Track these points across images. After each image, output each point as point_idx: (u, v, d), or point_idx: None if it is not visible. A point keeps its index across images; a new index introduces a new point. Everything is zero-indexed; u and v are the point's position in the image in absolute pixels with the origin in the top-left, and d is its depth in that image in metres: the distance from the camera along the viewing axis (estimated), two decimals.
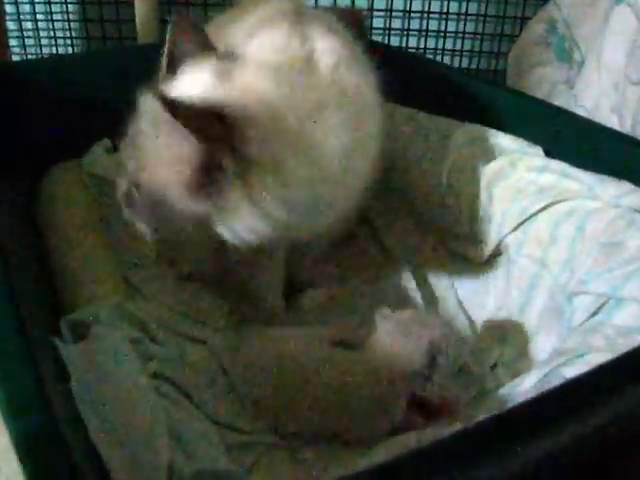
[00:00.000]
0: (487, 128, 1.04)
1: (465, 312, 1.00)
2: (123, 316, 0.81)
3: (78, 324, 0.78)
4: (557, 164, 0.94)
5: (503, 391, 0.80)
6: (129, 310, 0.82)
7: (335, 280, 1.08)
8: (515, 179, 0.96)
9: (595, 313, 0.80)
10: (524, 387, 0.77)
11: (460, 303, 1.01)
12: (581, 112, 1.15)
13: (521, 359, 0.91)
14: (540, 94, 1.15)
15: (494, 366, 0.91)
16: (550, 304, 0.89)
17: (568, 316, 0.84)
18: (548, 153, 0.98)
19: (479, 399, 0.85)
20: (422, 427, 0.80)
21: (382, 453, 0.74)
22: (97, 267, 0.92)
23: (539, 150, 0.98)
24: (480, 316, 0.99)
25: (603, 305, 0.79)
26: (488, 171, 0.99)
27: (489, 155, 1.00)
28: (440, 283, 1.06)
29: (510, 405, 0.76)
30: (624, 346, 0.70)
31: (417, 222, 1.12)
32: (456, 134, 1.05)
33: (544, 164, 0.95)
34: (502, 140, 1.01)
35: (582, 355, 0.74)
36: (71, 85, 1.11)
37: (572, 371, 0.73)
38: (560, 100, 1.21)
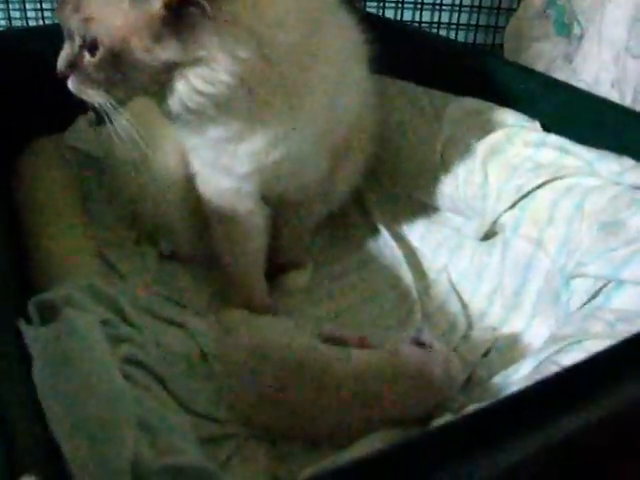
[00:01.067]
0: (483, 101, 0.98)
1: (458, 295, 0.96)
2: (96, 297, 0.76)
3: (47, 305, 0.73)
4: (556, 139, 0.89)
5: (496, 380, 0.76)
6: (102, 291, 0.77)
7: (321, 260, 1.04)
8: (512, 154, 0.91)
9: (594, 297, 0.75)
10: (518, 376, 0.73)
11: (453, 286, 0.97)
12: (581, 86, 1.11)
13: (516, 345, 0.87)
14: (538, 69, 1.11)
15: (487, 353, 0.87)
16: (546, 287, 0.85)
17: (565, 300, 0.80)
18: (547, 128, 0.93)
19: (470, 388, 0.82)
20: None
21: (365, 448, 0.70)
22: (71, 245, 0.87)
23: (537, 124, 0.93)
24: (474, 299, 0.95)
25: (602, 288, 0.75)
26: (483, 146, 0.94)
27: (485, 129, 0.95)
28: (433, 264, 1.02)
29: (503, 394, 0.72)
30: (625, 332, 0.66)
31: (410, 199, 1.07)
32: (451, 108, 0.99)
33: (542, 139, 0.90)
34: (498, 114, 0.96)
35: (580, 341, 0.70)
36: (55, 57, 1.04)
37: (568, 359, 0.68)
38: (559, 75, 1.17)
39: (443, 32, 1.52)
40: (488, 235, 0.95)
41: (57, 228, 0.88)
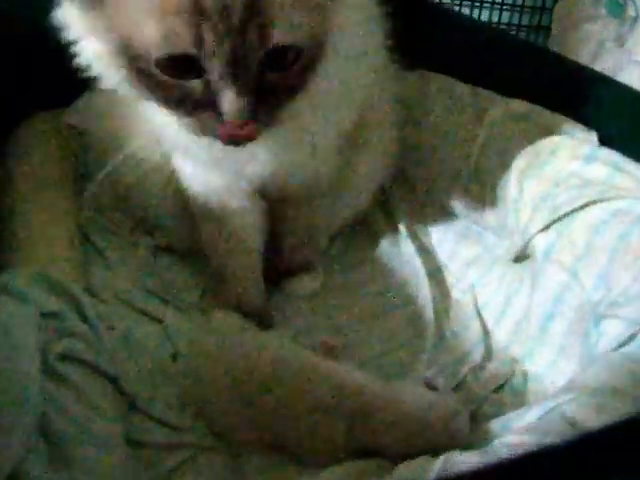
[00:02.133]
0: (534, 105, 0.86)
1: (481, 320, 0.85)
2: (49, 287, 0.71)
3: None
4: (609, 153, 0.76)
5: (495, 424, 0.66)
6: (57, 281, 0.72)
7: (336, 268, 0.95)
8: (554, 168, 0.79)
9: (624, 343, 0.64)
10: (520, 423, 0.63)
11: (477, 310, 0.86)
12: (635, 68, 0.98)
13: (534, 385, 0.76)
14: (586, 52, 0.99)
15: (500, 388, 0.77)
16: (577, 324, 0.73)
17: (593, 341, 0.68)
18: (607, 141, 0.79)
19: (472, 425, 0.72)
20: None
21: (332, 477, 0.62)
22: (44, 228, 0.81)
23: (593, 136, 0.80)
24: (498, 327, 0.84)
25: (636, 335, 0.63)
26: (523, 156, 0.82)
27: (529, 137, 0.83)
28: (459, 284, 0.91)
29: (497, 442, 0.62)
30: None
31: (442, 210, 0.97)
32: (494, 109, 0.88)
33: (592, 152, 0.77)
34: (549, 120, 0.83)
35: (597, 394, 0.59)
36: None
37: (579, 413, 0.58)
38: (608, 59, 1.04)
39: (486, 12, 1.36)
40: (520, 258, 0.84)
41: (34, 207, 0.83)
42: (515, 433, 0.62)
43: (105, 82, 0.60)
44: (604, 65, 1.01)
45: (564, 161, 0.79)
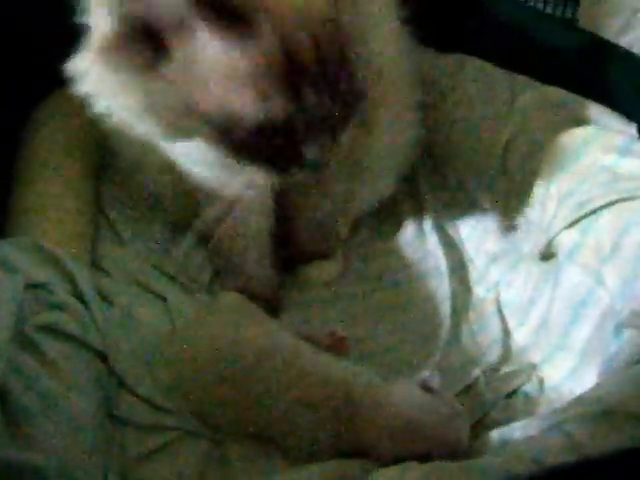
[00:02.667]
0: (568, 92, 0.80)
1: (503, 320, 0.80)
2: (42, 258, 0.70)
3: None
4: None
5: (497, 432, 0.62)
6: (50, 253, 0.71)
7: (355, 256, 0.92)
8: (586, 161, 0.73)
9: None
10: (520, 434, 0.59)
11: (500, 309, 0.81)
12: None
13: (550, 394, 0.71)
14: (618, 22, 0.90)
15: (513, 394, 0.72)
16: (600, 330, 0.68)
17: (613, 352, 0.63)
18: None
19: (479, 431, 0.68)
20: None
21: (318, 475, 0.60)
22: (50, 201, 0.81)
23: (632, 128, 0.73)
24: (520, 329, 0.78)
25: None
26: (553, 146, 0.76)
27: (561, 127, 0.77)
28: (483, 280, 0.86)
29: (496, 452, 0.59)
30: None
31: (472, 202, 0.92)
32: (527, 96, 0.82)
33: (627, 145, 0.70)
34: (585, 110, 0.77)
35: (606, 415, 0.54)
36: None
37: (582, 435, 0.53)
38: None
39: None
40: (547, 256, 0.78)
41: (48, 177, 0.83)
42: (513, 445, 0.58)
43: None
44: (636, 34, 0.93)
45: (596, 154, 0.72)
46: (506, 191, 0.82)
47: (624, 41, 0.95)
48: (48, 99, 0.93)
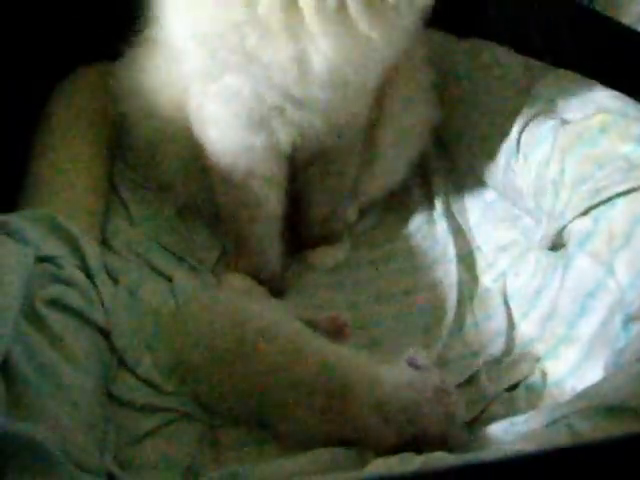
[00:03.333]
0: (584, 78, 0.77)
1: (508, 311, 0.78)
2: (54, 231, 0.70)
3: None
4: None
5: (499, 426, 0.60)
6: (62, 226, 0.71)
7: (363, 242, 0.90)
8: (601, 148, 0.70)
9: None
10: (522, 428, 0.57)
11: (506, 299, 0.79)
12: None
13: (553, 388, 0.68)
14: (635, 10, 0.87)
15: (515, 387, 0.70)
16: (608, 324, 0.65)
17: (621, 346, 0.61)
18: None
19: (478, 425, 0.66)
20: None
21: (309, 463, 0.59)
22: (66, 176, 0.81)
23: None
24: (525, 321, 0.76)
25: None
26: (568, 132, 0.73)
27: (577, 112, 0.75)
28: (491, 269, 0.84)
29: (496, 445, 0.57)
30: None
31: (483, 188, 0.90)
32: (544, 81, 0.79)
33: None
34: (602, 96, 0.75)
35: (612, 411, 0.52)
36: None
37: (586, 426, 0.51)
38: None
39: None
40: (557, 246, 0.76)
41: (64, 153, 0.83)
42: (516, 439, 0.56)
43: None
44: None
45: (612, 141, 0.70)
46: (521, 177, 0.79)
47: (631, 13, 0.92)
48: (72, 74, 0.94)
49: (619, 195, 0.66)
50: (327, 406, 0.60)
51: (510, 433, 0.58)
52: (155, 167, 0.86)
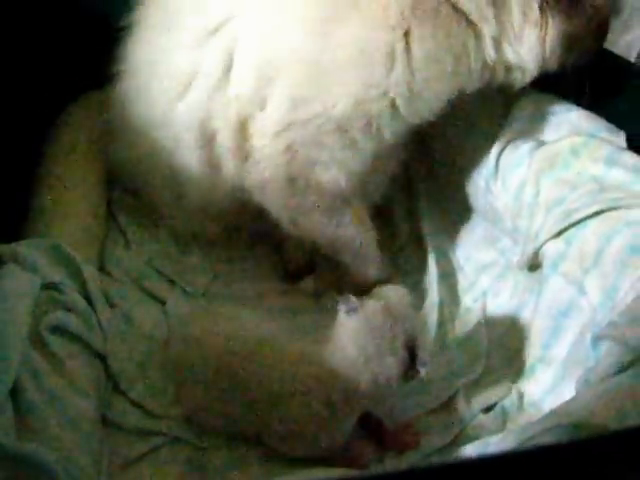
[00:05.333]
0: (559, 99, 0.79)
1: (488, 332, 0.78)
2: (59, 259, 0.73)
3: None
4: (631, 157, 0.68)
5: (473, 448, 0.60)
6: (67, 254, 0.74)
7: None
8: (573, 170, 0.71)
9: (621, 370, 0.56)
10: (494, 449, 0.57)
11: (486, 319, 0.80)
12: None
13: (530, 409, 0.69)
14: (619, 21, 0.89)
15: (491, 407, 0.71)
16: (581, 343, 0.66)
17: (591, 365, 0.61)
18: (633, 140, 0.72)
19: (454, 447, 0.66)
20: (366, 458, 0.67)
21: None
22: (69, 203, 0.84)
23: (621, 137, 0.72)
24: (502, 341, 0.77)
25: (634, 362, 0.56)
26: (543, 155, 0.74)
27: (551, 134, 0.76)
28: (472, 289, 0.85)
29: None
30: None
31: (463, 208, 0.90)
32: (521, 103, 0.81)
33: (614, 156, 0.69)
34: (575, 118, 0.76)
35: (580, 429, 0.52)
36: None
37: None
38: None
39: None
40: (535, 266, 0.77)
41: (65, 181, 0.86)
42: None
43: None
44: (635, 33, 0.92)
45: (584, 163, 0.71)
46: (499, 198, 0.80)
47: (624, 40, 0.94)
48: (76, 102, 0.96)
49: (589, 217, 0.67)
50: (326, 412, 0.63)
51: (483, 454, 0.59)
52: (150, 195, 0.89)
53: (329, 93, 0.69)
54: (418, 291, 0.86)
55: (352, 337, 0.64)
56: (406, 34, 0.67)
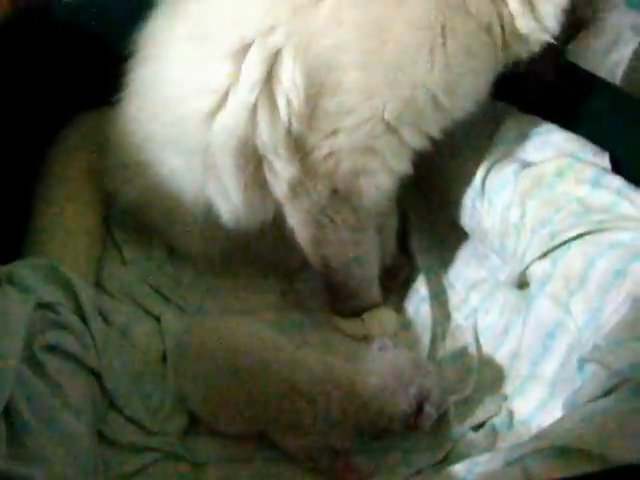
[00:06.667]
0: (543, 121, 0.80)
1: (479, 350, 0.80)
2: (54, 279, 0.74)
3: None
4: (614, 180, 0.69)
5: (463, 466, 0.61)
6: (62, 274, 0.74)
7: None
8: (558, 192, 0.73)
9: (606, 394, 0.58)
10: (483, 469, 0.58)
11: (477, 336, 0.81)
12: None
13: (519, 427, 0.70)
14: (604, 41, 0.91)
15: (482, 425, 0.72)
16: (568, 364, 0.67)
17: (577, 386, 0.62)
18: (617, 162, 0.73)
19: (443, 465, 0.68)
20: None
21: None
22: (67, 222, 0.85)
23: (605, 158, 0.73)
24: (493, 359, 0.78)
25: (619, 386, 0.57)
26: (528, 176, 0.76)
27: (536, 156, 0.78)
28: (463, 307, 0.86)
29: None
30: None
31: (452, 227, 0.92)
32: (506, 125, 0.82)
33: (598, 177, 0.70)
34: (559, 139, 0.77)
35: (563, 452, 0.53)
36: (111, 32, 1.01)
37: (540, 471, 0.53)
38: (625, 48, 0.96)
39: None
40: (523, 284, 0.78)
41: (61, 199, 0.87)
42: (475, 478, 0.58)
43: None
44: (621, 53, 0.95)
45: (569, 184, 0.72)
46: (486, 217, 0.81)
47: (610, 60, 0.96)
48: (72, 122, 0.97)
49: (574, 239, 0.68)
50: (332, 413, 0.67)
51: (472, 473, 0.60)
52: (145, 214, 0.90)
53: (379, 96, 0.69)
54: (409, 309, 0.88)
55: (377, 366, 0.70)
56: (442, 28, 0.68)
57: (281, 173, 0.74)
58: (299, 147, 0.73)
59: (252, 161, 0.74)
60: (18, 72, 0.91)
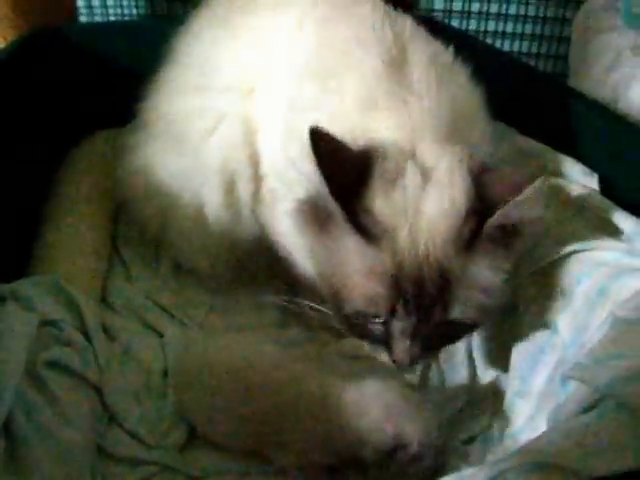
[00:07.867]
0: (536, 142, 0.82)
1: (472, 365, 0.81)
2: (57, 296, 0.77)
3: None
4: (600, 201, 0.71)
5: (451, 479, 0.63)
6: (66, 291, 0.77)
7: None
8: (548, 214, 0.74)
9: (586, 411, 0.59)
10: None
11: (470, 352, 0.83)
12: None
13: (509, 440, 0.72)
14: (604, 61, 0.93)
15: (472, 439, 0.74)
16: (553, 380, 0.69)
17: (561, 401, 0.64)
18: (606, 180, 0.75)
19: (430, 477, 0.69)
20: None
21: None
22: (72, 242, 0.89)
23: (594, 179, 0.76)
24: (487, 373, 0.80)
25: (599, 402, 0.58)
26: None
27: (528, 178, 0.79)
28: None
29: None
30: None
31: None
32: (503, 147, 0.84)
33: (583, 199, 0.72)
34: (551, 160, 0.79)
35: (543, 467, 0.55)
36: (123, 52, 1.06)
37: None
38: (625, 68, 0.99)
39: (507, 42, 1.48)
40: (514, 304, 0.79)
41: (68, 217, 0.90)
42: None
43: None
44: (621, 72, 0.97)
45: (558, 207, 0.74)
46: None
47: (612, 79, 0.98)
48: (83, 141, 1.02)
49: (561, 258, 0.70)
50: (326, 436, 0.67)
51: None
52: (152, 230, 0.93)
53: None
54: None
55: (367, 391, 0.70)
56: None
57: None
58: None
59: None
60: (30, 92, 0.96)
